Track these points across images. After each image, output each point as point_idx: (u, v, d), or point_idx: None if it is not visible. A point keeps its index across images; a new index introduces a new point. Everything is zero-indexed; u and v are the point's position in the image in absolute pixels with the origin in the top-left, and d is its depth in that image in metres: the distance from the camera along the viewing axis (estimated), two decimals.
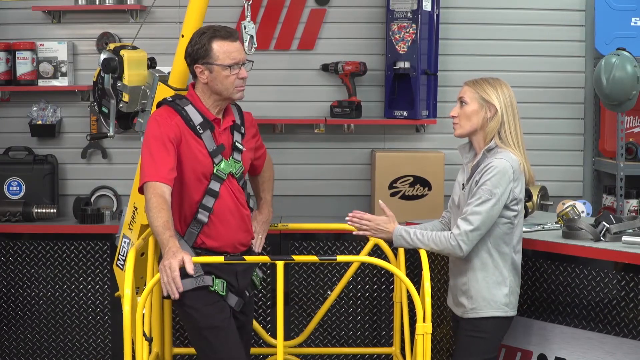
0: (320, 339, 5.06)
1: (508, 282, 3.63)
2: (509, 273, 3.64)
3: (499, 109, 3.58)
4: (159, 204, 3.43)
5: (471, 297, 3.64)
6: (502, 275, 3.62)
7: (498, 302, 3.62)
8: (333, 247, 5.02)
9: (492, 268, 3.62)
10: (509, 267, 3.64)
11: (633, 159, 5.14)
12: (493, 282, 3.62)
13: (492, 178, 3.51)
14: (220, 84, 3.63)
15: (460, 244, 3.55)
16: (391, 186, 5.08)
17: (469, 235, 3.54)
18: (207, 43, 3.61)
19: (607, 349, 3.73)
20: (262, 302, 4.98)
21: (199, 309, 3.60)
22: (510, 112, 3.60)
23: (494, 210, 3.53)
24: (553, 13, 5.34)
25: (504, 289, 3.63)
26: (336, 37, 5.34)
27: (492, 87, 3.60)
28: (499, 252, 3.62)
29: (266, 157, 4.04)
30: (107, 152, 5.37)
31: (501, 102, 3.58)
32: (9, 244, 5.06)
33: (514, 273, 3.66)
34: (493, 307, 3.63)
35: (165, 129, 3.58)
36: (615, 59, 4.71)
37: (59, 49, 5.21)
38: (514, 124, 3.60)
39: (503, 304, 3.63)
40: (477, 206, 3.52)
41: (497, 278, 3.62)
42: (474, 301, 3.64)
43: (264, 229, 3.95)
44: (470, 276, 3.64)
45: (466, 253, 3.57)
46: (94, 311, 5.07)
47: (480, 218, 3.52)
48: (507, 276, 3.63)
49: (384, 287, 5.01)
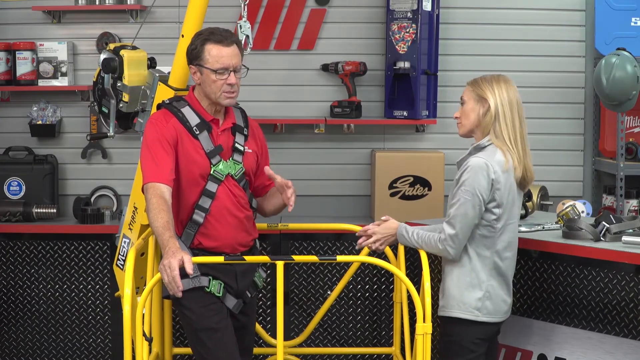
0: (320, 339, 5.06)
1: (485, 286, 3.56)
2: (488, 277, 3.57)
3: (492, 104, 3.54)
4: (159, 204, 3.44)
5: (444, 295, 3.64)
6: (478, 278, 3.56)
7: (467, 305, 3.57)
8: (333, 247, 5.02)
9: (469, 270, 3.57)
10: (488, 271, 3.57)
11: (633, 159, 5.14)
12: (466, 284, 3.57)
13: (468, 178, 3.50)
14: (208, 87, 3.64)
15: (447, 249, 3.55)
16: (391, 186, 5.08)
17: (454, 240, 3.53)
18: (200, 45, 3.62)
19: (607, 349, 3.73)
20: (262, 302, 4.98)
21: (194, 310, 3.60)
22: (508, 108, 3.55)
23: (475, 210, 3.50)
24: (553, 13, 5.34)
25: (478, 292, 3.56)
26: (336, 37, 5.34)
27: (488, 84, 3.57)
28: (477, 255, 3.56)
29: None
30: (107, 152, 5.37)
31: (496, 97, 3.54)
32: (9, 244, 5.06)
33: (497, 279, 3.58)
34: (462, 308, 3.57)
35: (162, 130, 3.60)
36: (615, 59, 4.71)
37: (59, 49, 5.21)
38: (511, 120, 3.55)
39: (473, 307, 3.56)
40: (458, 209, 3.51)
41: (472, 280, 3.57)
42: (445, 299, 3.63)
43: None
44: (447, 274, 3.63)
45: (456, 256, 3.56)
46: (94, 311, 5.07)
47: (462, 220, 3.51)
48: (485, 280, 3.56)
49: (384, 287, 5.01)
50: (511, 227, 3.60)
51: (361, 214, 5.35)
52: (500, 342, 3.89)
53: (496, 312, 3.60)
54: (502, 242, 3.57)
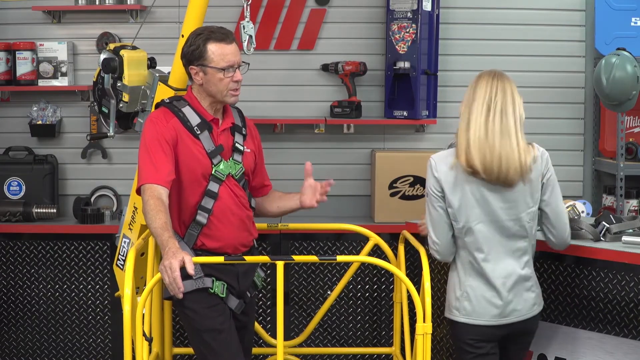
0: (320, 339, 5.06)
1: (464, 286, 3.54)
2: (467, 277, 3.54)
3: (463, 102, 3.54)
4: (157, 206, 3.43)
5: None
6: (458, 277, 3.57)
7: (448, 304, 3.60)
8: (333, 247, 5.02)
9: (453, 269, 3.60)
10: (468, 271, 3.54)
11: (633, 159, 5.14)
12: (451, 284, 3.61)
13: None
14: (214, 87, 3.63)
15: (432, 253, 3.60)
16: (391, 186, 5.08)
17: (434, 243, 3.58)
18: (202, 45, 3.60)
19: (607, 349, 3.73)
20: (262, 302, 4.98)
21: (198, 311, 3.60)
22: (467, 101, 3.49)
23: (436, 209, 3.54)
24: (553, 13, 5.34)
25: (457, 291, 3.56)
26: (336, 37, 5.34)
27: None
28: (458, 255, 3.58)
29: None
30: (107, 152, 5.37)
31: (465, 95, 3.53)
32: (9, 244, 5.06)
33: (477, 280, 3.53)
34: (447, 308, 3.62)
35: (161, 130, 3.59)
36: (615, 59, 4.71)
37: (59, 49, 5.21)
38: (466, 112, 3.48)
39: (453, 306, 3.57)
40: (426, 213, 3.59)
41: (453, 280, 3.59)
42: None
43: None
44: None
45: (442, 258, 3.59)
46: (94, 311, 5.08)
47: (431, 222, 3.56)
48: (463, 280, 3.55)
49: (384, 287, 5.01)
50: (479, 228, 3.50)
51: (361, 214, 5.35)
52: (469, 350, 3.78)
53: (478, 314, 3.53)
54: (472, 243, 3.52)
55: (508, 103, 3.46)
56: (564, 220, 3.60)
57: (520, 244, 3.54)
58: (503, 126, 3.43)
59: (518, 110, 3.48)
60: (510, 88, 3.49)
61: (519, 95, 3.51)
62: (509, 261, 3.53)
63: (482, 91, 3.48)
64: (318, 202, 3.85)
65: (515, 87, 3.52)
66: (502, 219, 3.50)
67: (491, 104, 3.45)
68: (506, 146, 3.42)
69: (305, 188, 3.85)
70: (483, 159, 3.42)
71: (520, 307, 3.53)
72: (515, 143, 3.43)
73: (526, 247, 3.55)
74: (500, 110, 3.45)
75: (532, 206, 3.52)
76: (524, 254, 3.55)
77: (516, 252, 3.54)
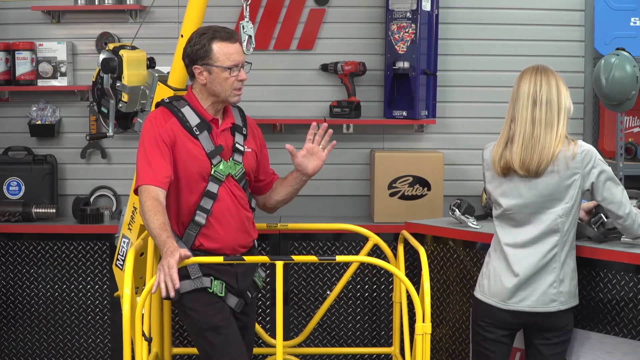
0: (320, 339, 5.06)
1: (490, 265, 3.67)
2: (493, 257, 3.68)
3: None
4: (154, 206, 3.43)
5: None
6: (489, 255, 3.72)
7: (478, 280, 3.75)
8: (332, 247, 5.02)
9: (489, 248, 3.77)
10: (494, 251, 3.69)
11: (632, 158, 5.14)
12: (484, 263, 3.76)
13: None
14: (218, 86, 3.63)
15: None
16: (390, 186, 5.08)
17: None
18: (207, 44, 3.60)
19: (607, 349, 3.73)
20: (261, 302, 4.98)
21: (198, 310, 3.60)
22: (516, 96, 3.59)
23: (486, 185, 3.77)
24: (553, 13, 5.34)
25: (484, 269, 3.71)
26: (336, 37, 5.34)
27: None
28: (495, 235, 3.72)
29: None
30: (107, 152, 5.37)
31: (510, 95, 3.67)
32: (8, 244, 5.06)
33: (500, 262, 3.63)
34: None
35: (159, 130, 3.58)
36: (615, 59, 4.70)
37: (58, 49, 5.20)
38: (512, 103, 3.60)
39: (478, 283, 3.73)
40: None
41: (486, 259, 3.75)
42: None
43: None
44: None
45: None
46: (93, 311, 5.07)
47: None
48: (491, 259, 3.69)
49: (384, 287, 5.01)
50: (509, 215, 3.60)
51: (360, 214, 5.35)
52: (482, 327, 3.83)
53: (492, 294, 3.61)
54: (499, 226, 3.65)
55: (553, 94, 3.54)
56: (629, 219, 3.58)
57: (550, 238, 3.54)
58: (548, 118, 3.51)
59: (564, 102, 3.56)
60: (554, 79, 3.58)
61: (565, 86, 3.58)
62: (533, 251, 3.55)
63: (526, 86, 3.55)
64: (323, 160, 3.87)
65: (561, 79, 3.58)
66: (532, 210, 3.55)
67: (536, 97, 3.53)
68: (547, 137, 3.49)
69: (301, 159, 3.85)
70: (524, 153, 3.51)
71: (534, 299, 3.55)
72: (555, 134, 3.50)
73: (556, 242, 3.54)
74: (546, 101, 3.53)
75: (567, 202, 3.53)
76: (552, 248, 3.54)
77: (544, 244, 3.54)
